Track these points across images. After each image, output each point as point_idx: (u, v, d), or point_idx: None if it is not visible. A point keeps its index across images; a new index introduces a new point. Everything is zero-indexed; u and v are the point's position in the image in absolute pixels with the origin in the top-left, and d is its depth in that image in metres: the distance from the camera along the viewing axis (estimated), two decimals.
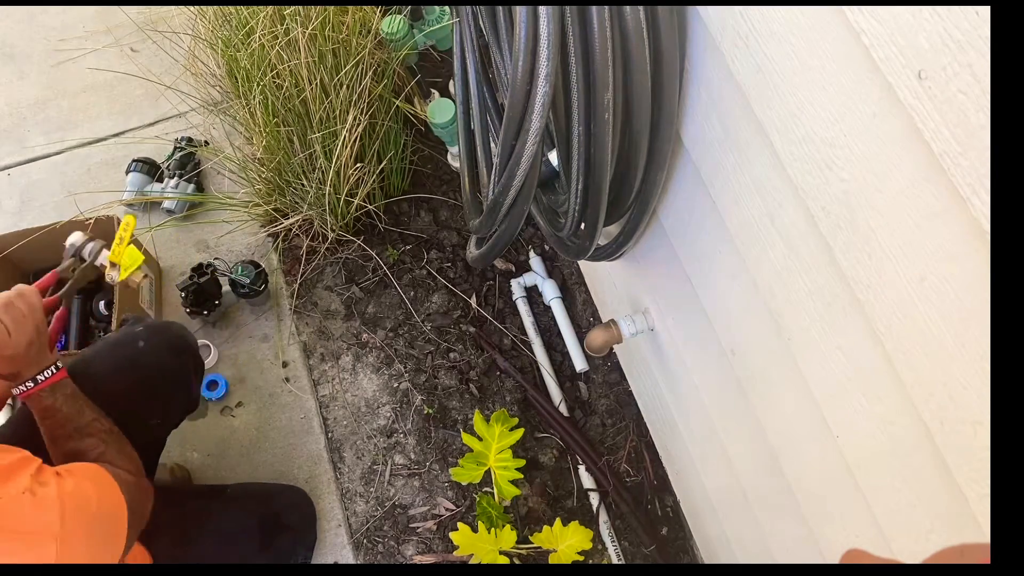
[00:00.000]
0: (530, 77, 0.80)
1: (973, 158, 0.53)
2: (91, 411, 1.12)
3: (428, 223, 2.06)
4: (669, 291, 1.28)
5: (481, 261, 1.24)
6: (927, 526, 0.75)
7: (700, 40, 0.86)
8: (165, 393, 1.36)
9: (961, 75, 0.52)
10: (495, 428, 1.66)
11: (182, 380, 1.40)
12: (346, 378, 1.90)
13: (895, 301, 0.68)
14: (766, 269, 0.90)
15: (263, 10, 1.56)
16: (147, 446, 1.42)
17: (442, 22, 1.95)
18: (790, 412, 0.98)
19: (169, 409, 1.40)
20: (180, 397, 1.42)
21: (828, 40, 0.65)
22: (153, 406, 1.34)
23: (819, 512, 1.00)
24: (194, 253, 2.02)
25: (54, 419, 1.08)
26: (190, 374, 1.42)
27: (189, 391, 1.44)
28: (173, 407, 1.41)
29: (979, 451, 0.62)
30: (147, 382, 1.30)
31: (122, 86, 2.21)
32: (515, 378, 1.90)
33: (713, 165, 0.94)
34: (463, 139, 1.39)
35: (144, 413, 1.31)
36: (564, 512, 1.79)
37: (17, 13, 2.39)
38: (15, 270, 1.84)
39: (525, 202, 0.98)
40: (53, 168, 2.13)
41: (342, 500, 1.77)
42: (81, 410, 1.10)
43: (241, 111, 1.69)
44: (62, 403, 1.08)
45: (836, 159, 0.69)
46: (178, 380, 1.39)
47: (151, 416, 1.34)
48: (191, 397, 1.46)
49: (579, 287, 2.00)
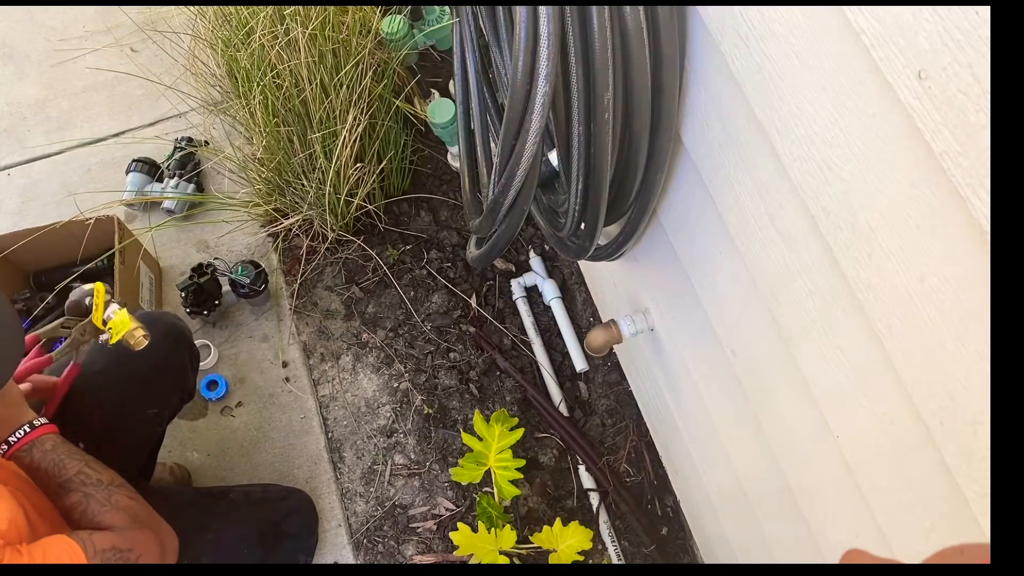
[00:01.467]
0: (530, 77, 0.80)
1: (973, 158, 0.53)
2: (76, 462, 1.07)
3: (428, 223, 2.06)
4: (669, 291, 1.28)
5: (481, 261, 1.24)
6: (927, 526, 0.75)
7: (700, 40, 0.86)
8: (161, 382, 1.37)
9: (961, 75, 0.52)
10: (495, 428, 1.66)
11: (177, 369, 1.41)
12: (346, 378, 1.90)
13: (895, 301, 0.68)
14: (766, 269, 0.90)
15: (263, 10, 1.56)
16: (146, 440, 1.42)
17: (442, 22, 1.95)
18: (790, 412, 0.98)
19: (165, 399, 1.40)
20: (176, 386, 1.42)
21: (828, 40, 0.65)
22: (149, 396, 1.34)
23: (819, 512, 1.00)
24: (194, 253, 2.02)
25: (36, 476, 1.05)
26: (185, 362, 1.43)
27: (185, 380, 1.44)
28: (170, 396, 1.42)
29: (979, 451, 0.62)
30: (142, 372, 1.30)
31: (122, 86, 2.21)
32: (515, 378, 1.90)
33: (713, 165, 0.94)
34: (463, 139, 1.39)
35: (141, 403, 1.31)
36: (564, 512, 1.79)
37: (17, 13, 2.39)
38: (15, 270, 1.84)
39: (525, 202, 0.98)
40: (53, 168, 2.13)
41: (342, 500, 1.77)
42: (62, 464, 1.05)
43: (241, 111, 1.69)
44: (40, 460, 1.04)
45: (836, 159, 0.69)
46: (173, 369, 1.40)
47: (148, 406, 1.35)
48: (187, 386, 1.46)
49: (579, 287, 2.00)
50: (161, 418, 1.42)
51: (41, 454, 1.05)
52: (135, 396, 1.30)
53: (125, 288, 1.71)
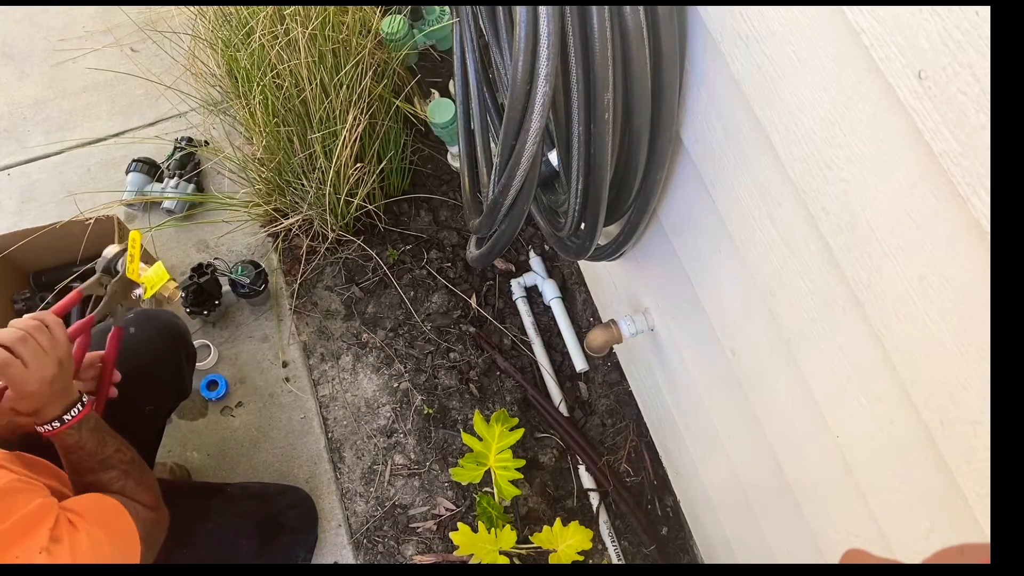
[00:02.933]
0: (530, 77, 0.80)
1: (973, 158, 0.53)
2: (113, 441, 1.09)
3: (428, 223, 2.06)
4: (669, 291, 1.28)
5: (481, 261, 1.24)
6: (927, 526, 0.75)
7: (700, 40, 0.86)
8: (157, 378, 1.37)
9: (961, 75, 0.52)
10: (495, 428, 1.66)
11: (173, 365, 1.41)
12: (346, 378, 1.90)
13: (895, 301, 0.68)
14: (766, 269, 0.90)
15: (263, 10, 1.56)
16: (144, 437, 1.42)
17: (442, 22, 1.95)
18: (790, 412, 0.98)
19: (161, 395, 1.41)
20: (172, 382, 1.43)
21: (828, 40, 0.65)
22: (146, 392, 1.34)
23: (819, 512, 1.00)
24: (194, 253, 2.02)
25: (78, 454, 1.05)
26: (182, 359, 1.43)
27: (181, 376, 1.45)
28: (166, 393, 1.42)
29: (979, 451, 0.62)
30: (139, 368, 1.30)
31: (122, 86, 2.21)
32: (515, 378, 1.90)
33: (713, 165, 0.94)
34: (463, 139, 1.39)
35: (137, 399, 1.31)
36: (564, 512, 1.79)
37: (17, 13, 2.39)
38: (15, 270, 1.84)
39: (525, 202, 0.98)
40: (53, 168, 2.13)
41: (342, 500, 1.77)
42: (104, 441, 1.07)
43: (241, 111, 1.69)
44: (87, 438, 1.04)
45: (836, 159, 0.69)
46: (169, 365, 1.40)
47: (145, 402, 1.35)
48: (183, 383, 1.47)
49: (579, 287, 2.00)
50: (158, 415, 1.42)
51: (88, 432, 1.05)
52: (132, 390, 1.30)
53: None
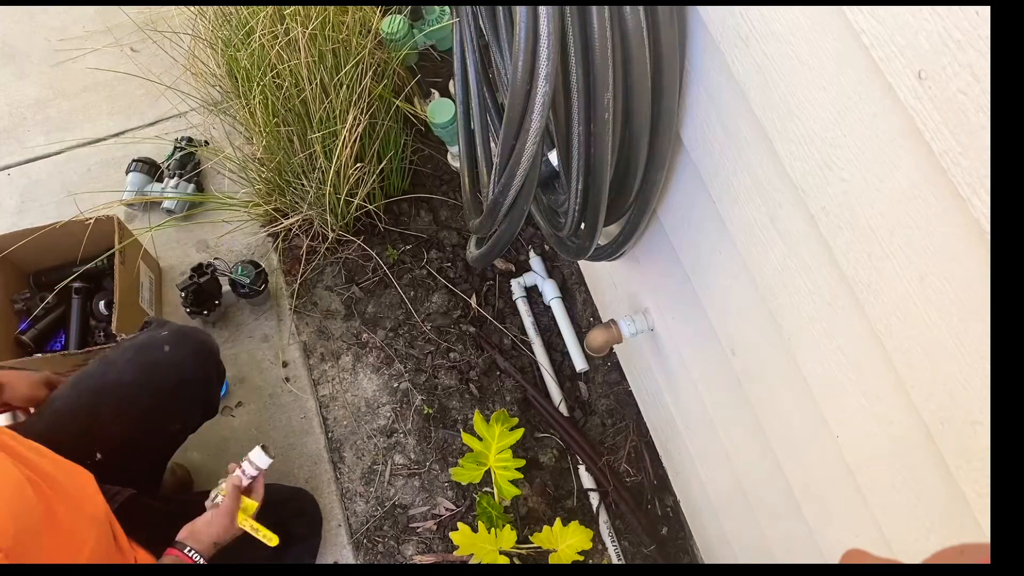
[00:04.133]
0: (530, 77, 0.80)
1: (973, 158, 0.53)
2: None
3: (428, 223, 2.06)
4: (669, 291, 1.28)
5: (481, 261, 1.24)
6: (927, 526, 0.75)
7: (700, 40, 0.86)
8: (187, 400, 1.35)
9: (961, 75, 0.52)
10: (495, 428, 1.66)
11: (205, 388, 1.39)
12: (346, 378, 1.90)
13: (895, 301, 0.68)
14: (766, 269, 0.90)
15: (263, 10, 1.56)
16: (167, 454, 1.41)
17: (442, 22, 1.95)
18: (790, 412, 0.98)
19: (189, 415, 1.39)
20: (202, 402, 1.41)
21: (828, 40, 0.65)
22: (174, 411, 1.32)
23: (819, 512, 1.00)
24: (194, 253, 2.02)
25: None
26: (212, 379, 1.41)
27: (211, 399, 1.43)
28: (193, 413, 1.40)
29: (979, 451, 0.62)
30: (169, 388, 1.29)
31: (122, 86, 2.21)
32: (515, 378, 1.90)
33: (713, 165, 0.94)
34: (463, 139, 1.39)
35: (164, 419, 1.30)
36: (564, 512, 1.79)
37: (17, 13, 2.39)
38: (15, 270, 1.84)
39: (525, 202, 0.98)
40: (53, 168, 2.13)
41: (342, 500, 1.77)
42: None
43: (241, 111, 1.69)
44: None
45: (836, 159, 0.69)
46: (201, 388, 1.38)
47: (172, 421, 1.33)
48: (212, 402, 1.45)
49: (579, 287, 2.00)
50: (184, 433, 1.40)
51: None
52: (160, 410, 1.28)
53: (125, 288, 1.71)
